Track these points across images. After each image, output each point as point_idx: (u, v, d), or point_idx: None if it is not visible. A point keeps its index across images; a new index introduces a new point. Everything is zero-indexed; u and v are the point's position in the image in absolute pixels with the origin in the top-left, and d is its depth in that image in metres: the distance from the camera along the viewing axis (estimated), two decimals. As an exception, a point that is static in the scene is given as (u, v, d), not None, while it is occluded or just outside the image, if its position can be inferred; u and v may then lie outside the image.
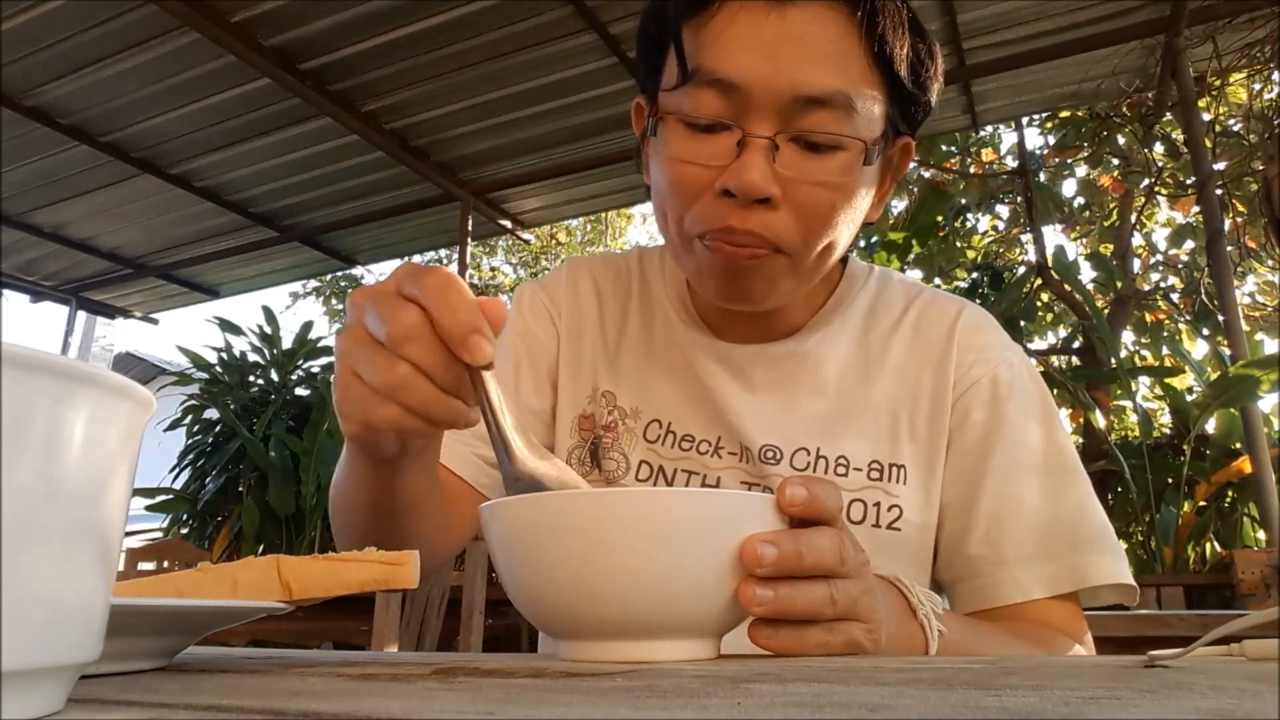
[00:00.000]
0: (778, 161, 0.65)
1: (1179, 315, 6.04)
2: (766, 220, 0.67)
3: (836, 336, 0.82)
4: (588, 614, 0.44)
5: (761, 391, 0.80)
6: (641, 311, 0.88)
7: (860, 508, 0.74)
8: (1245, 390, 3.44)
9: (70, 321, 6.44)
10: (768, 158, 0.65)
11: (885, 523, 0.74)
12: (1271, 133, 4.23)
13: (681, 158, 0.68)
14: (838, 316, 0.83)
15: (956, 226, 6.54)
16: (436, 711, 0.25)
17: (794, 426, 0.78)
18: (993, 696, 0.26)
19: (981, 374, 0.78)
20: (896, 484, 0.75)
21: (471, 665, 0.41)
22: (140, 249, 5.78)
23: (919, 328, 0.82)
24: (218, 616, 0.40)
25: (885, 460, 0.76)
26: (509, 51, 3.78)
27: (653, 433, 0.82)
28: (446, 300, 0.48)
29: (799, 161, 0.66)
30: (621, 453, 0.82)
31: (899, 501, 0.75)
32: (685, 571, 0.43)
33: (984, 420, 0.77)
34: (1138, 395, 4.69)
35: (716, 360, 0.82)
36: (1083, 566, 0.71)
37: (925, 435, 0.77)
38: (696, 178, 0.68)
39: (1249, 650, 0.36)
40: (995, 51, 3.85)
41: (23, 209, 5.08)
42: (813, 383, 0.80)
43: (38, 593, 0.23)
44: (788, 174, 0.66)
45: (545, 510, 0.44)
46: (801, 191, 0.67)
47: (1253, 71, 4.25)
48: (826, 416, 0.79)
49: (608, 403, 0.84)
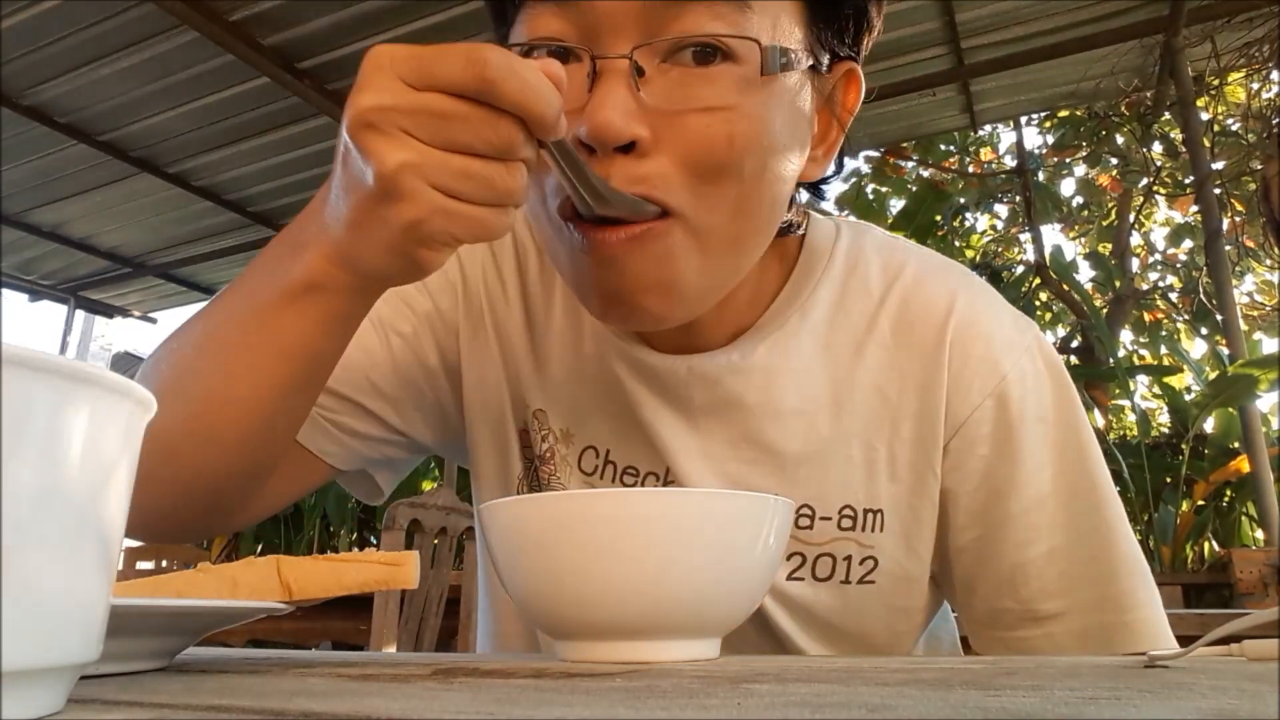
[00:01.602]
0: (644, 90, 0.49)
1: (1177, 314, 6.05)
2: (637, 173, 0.49)
3: (792, 343, 0.63)
4: (587, 614, 0.44)
5: (702, 420, 0.63)
6: (565, 304, 0.68)
7: (828, 563, 0.61)
8: (1243, 389, 3.44)
9: (69, 320, 6.43)
10: (629, 85, 0.49)
11: (856, 577, 0.61)
12: (1270, 132, 4.24)
13: None
14: (794, 313, 0.63)
15: (955, 226, 6.55)
16: (436, 711, 0.25)
17: (743, 467, 0.63)
18: (993, 696, 0.26)
19: (984, 396, 0.61)
20: (872, 532, 0.61)
21: (471, 665, 0.41)
22: (139, 248, 5.77)
23: (900, 328, 0.63)
24: (218, 617, 0.40)
25: (859, 506, 0.61)
26: (508, 50, 3.79)
27: (589, 462, 0.66)
28: (523, 80, 0.40)
29: (674, 86, 0.49)
30: (559, 480, 0.67)
31: (874, 552, 0.61)
32: (685, 571, 0.43)
33: (992, 455, 0.61)
34: (1136, 394, 4.69)
35: (644, 380, 0.64)
36: (1119, 628, 0.61)
37: (908, 472, 0.62)
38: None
39: (1249, 650, 0.36)
40: (994, 51, 3.84)
41: (21, 208, 5.07)
42: (765, 408, 0.62)
43: (38, 593, 0.23)
44: (658, 104, 0.49)
45: (544, 510, 0.44)
46: (685, 125, 0.49)
47: (1251, 71, 4.26)
48: (784, 453, 0.62)
49: (540, 424, 0.67)
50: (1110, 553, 0.62)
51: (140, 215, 5.25)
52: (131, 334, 47.36)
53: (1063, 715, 0.22)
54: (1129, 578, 0.61)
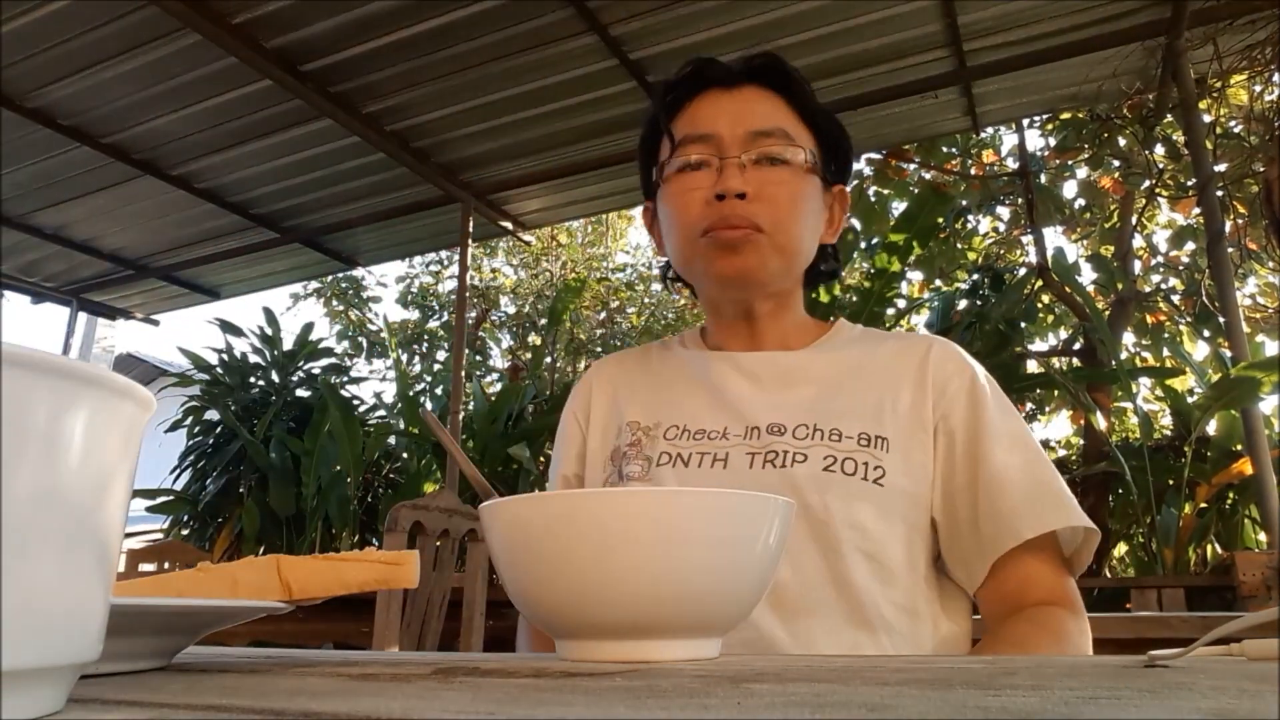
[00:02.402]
0: (745, 173, 0.95)
1: (1180, 317, 6.04)
2: (746, 209, 0.94)
3: (827, 355, 1.02)
4: (588, 614, 0.44)
5: (765, 384, 1.00)
6: (660, 358, 1.11)
7: (852, 464, 0.90)
8: (1246, 392, 3.44)
9: (71, 323, 6.45)
10: (740, 171, 0.95)
11: (872, 478, 0.90)
12: (1272, 134, 4.23)
13: (683, 190, 0.97)
14: (829, 344, 1.04)
15: (957, 228, 6.54)
16: (436, 711, 0.25)
17: (793, 408, 0.96)
18: (993, 696, 0.26)
19: (955, 381, 0.96)
20: (881, 451, 0.91)
21: (471, 665, 0.41)
22: (141, 250, 5.78)
23: (898, 352, 1.01)
24: (218, 616, 0.40)
25: (872, 432, 0.93)
26: (510, 53, 3.79)
27: (671, 433, 0.99)
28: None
29: (760, 172, 0.96)
30: (645, 457, 0.98)
31: (883, 464, 0.91)
32: (685, 571, 0.43)
33: (967, 414, 0.94)
34: (1138, 397, 4.69)
35: (726, 365, 1.03)
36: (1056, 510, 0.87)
37: (906, 417, 0.94)
38: (695, 198, 0.96)
39: (1249, 650, 0.36)
40: (996, 53, 3.84)
41: (24, 210, 5.08)
42: (808, 380, 1.00)
43: (38, 593, 0.23)
44: (754, 179, 0.95)
45: (546, 510, 0.44)
46: (766, 190, 0.95)
47: (1254, 73, 4.25)
48: (821, 401, 0.96)
49: (631, 430, 1.01)
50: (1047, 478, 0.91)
51: (143, 218, 5.26)
52: (134, 336, 47.11)
53: (1063, 715, 0.22)
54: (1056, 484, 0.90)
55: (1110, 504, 4.65)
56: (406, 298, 11.14)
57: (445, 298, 11.00)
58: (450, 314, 10.36)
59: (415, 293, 11.15)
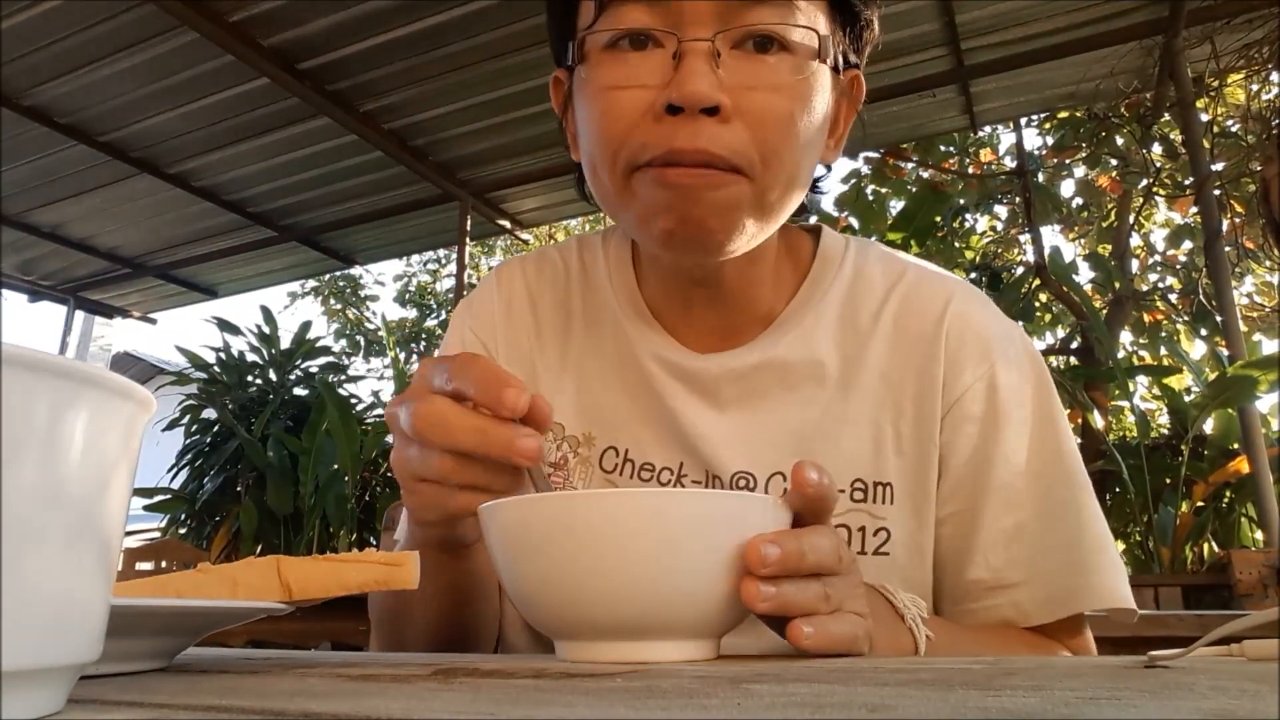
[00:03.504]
0: (721, 68, 0.58)
1: (1177, 315, 6.04)
2: (718, 135, 0.58)
3: (810, 337, 0.72)
4: (588, 615, 0.44)
5: (730, 409, 0.72)
6: (586, 318, 0.78)
7: (846, 531, 0.67)
8: (1243, 390, 3.44)
9: (68, 321, 6.43)
10: (711, 63, 0.58)
11: (872, 548, 0.67)
12: (1269, 133, 4.24)
13: (612, 84, 0.61)
14: (810, 312, 0.73)
15: (955, 227, 6.54)
16: (436, 711, 0.25)
17: (766, 449, 0.70)
18: (993, 696, 0.26)
19: (974, 379, 0.69)
20: (883, 504, 0.67)
21: (471, 665, 0.41)
22: (138, 248, 5.77)
23: (901, 321, 0.72)
24: (218, 617, 0.40)
25: (869, 479, 0.68)
26: (507, 51, 3.78)
27: (609, 461, 0.73)
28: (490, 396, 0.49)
29: (745, 65, 0.59)
30: (576, 487, 0.73)
31: (886, 524, 0.67)
32: (685, 571, 0.43)
33: (979, 434, 0.68)
34: (1136, 395, 4.70)
35: (677, 377, 0.73)
36: (1082, 590, 0.65)
37: (912, 448, 0.69)
38: (631, 101, 0.59)
39: (1249, 650, 0.36)
40: (994, 52, 3.85)
41: (21, 208, 5.07)
42: (786, 395, 0.71)
43: (38, 593, 0.23)
44: (735, 80, 0.58)
45: (545, 511, 0.44)
46: (754, 99, 0.59)
47: (1251, 72, 4.26)
48: (802, 433, 0.70)
49: (554, 436, 0.75)
50: (1079, 527, 0.67)
51: (140, 216, 5.25)
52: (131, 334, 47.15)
53: (1063, 715, 0.22)
54: (1094, 553, 0.66)
55: (1107, 503, 4.65)
56: (404, 296, 11.14)
57: (443, 296, 11.00)
58: (448, 312, 10.35)
59: (413, 291, 11.15)
